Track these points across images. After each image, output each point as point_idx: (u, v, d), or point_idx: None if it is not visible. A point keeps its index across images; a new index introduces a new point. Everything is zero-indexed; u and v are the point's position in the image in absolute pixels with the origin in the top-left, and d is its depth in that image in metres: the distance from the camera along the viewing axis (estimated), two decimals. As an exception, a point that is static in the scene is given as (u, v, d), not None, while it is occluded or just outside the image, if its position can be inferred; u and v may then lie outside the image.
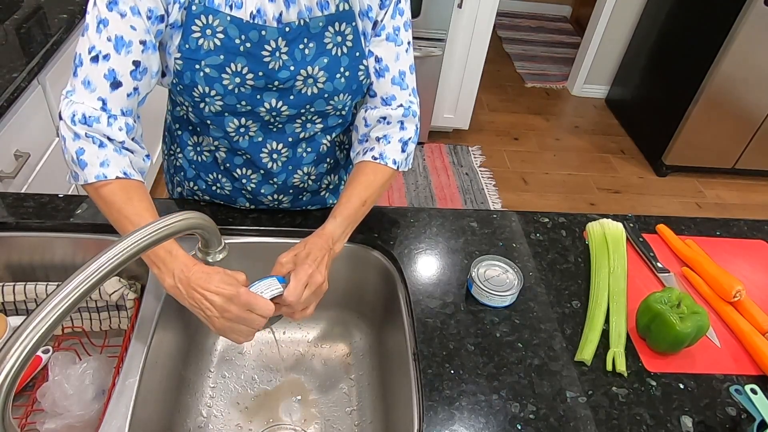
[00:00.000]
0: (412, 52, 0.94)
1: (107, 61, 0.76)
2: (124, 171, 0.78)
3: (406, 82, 0.94)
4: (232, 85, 0.81)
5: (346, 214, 0.88)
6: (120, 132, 0.78)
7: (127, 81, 0.77)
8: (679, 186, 3.08)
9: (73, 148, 0.77)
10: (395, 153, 0.94)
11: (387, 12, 0.87)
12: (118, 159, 0.78)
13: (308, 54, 0.83)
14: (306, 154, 0.97)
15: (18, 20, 1.55)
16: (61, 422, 0.83)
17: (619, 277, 0.96)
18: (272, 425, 0.95)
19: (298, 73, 0.84)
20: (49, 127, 1.51)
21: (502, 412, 0.77)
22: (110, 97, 0.77)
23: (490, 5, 2.67)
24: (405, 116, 0.94)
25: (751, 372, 0.87)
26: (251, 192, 1.00)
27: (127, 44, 0.75)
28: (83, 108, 0.76)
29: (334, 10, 0.83)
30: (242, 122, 0.88)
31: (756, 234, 1.14)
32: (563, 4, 4.81)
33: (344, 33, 0.85)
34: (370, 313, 1.09)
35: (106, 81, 0.76)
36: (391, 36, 0.89)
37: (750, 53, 2.65)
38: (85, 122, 0.76)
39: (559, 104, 3.68)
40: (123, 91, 0.78)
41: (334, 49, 0.85)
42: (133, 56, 0.76)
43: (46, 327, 0.46)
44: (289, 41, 0.81)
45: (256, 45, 0.80)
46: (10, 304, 0.93)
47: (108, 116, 0.77)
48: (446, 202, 2.74)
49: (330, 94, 0.87)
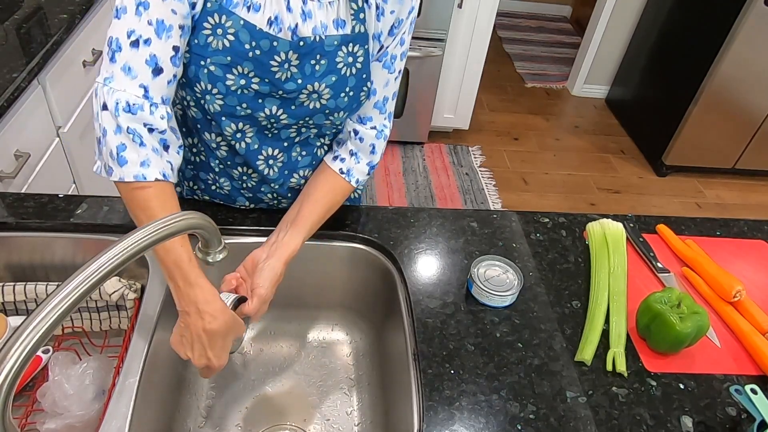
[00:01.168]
0: (399, 81, 0.95)
1: (148, 45, 0.72)
2: (163, 172, 0.77)
3: (386, 107, 0.95)
4: (236, 86, 0.81)
5: (308, 229, 0.91)
6: (162, 120, 0.76)
7: (167, 67, 0.75)
8: (679, 186, 3.08)
9: (114, 143, 0.74)
10: (360, 174, 0.97)
11: (394, 40, 0.88)
12: (157, 160, 0.76)
13: (318, 70, 0.83)
14: (301, 158, 0.97)
15: (18, 20, 1.55)
16: (61, 422, 0.83)
17: (619, 277, 0.96)
18: (272, 425, 0.95)
19: (305, 87, 0.83)
20: (49, 127, 1.51)
21: (502, 412, 0.77)
22: (152, 84, 0.74)
23: (490, 5, 2.67)
24: (377, 138, 0.96)
25: (751, 372, 0.87)
26: (251, 190, 1.00)
27: (167, 29, 0.73)
28: (126, 96, 0.73)
29: (349, 30, 0.82)
30: (239, 126, 0.87)
31: (756, 234, 1.14)
32: (563, 4, 4.81)
33: (356, 54, 0.84)
34: (370, 313, 1.09)
35: (147, 67, 0.73)
36: (387, 63, 0.90)
37: (750, 53, 2.65)
38: (129, 111, 0.73)
39: (559, 104, 3.68)
40: (164, 78, 0.75)
41: (344, 69, 0.84)
42: (173, 41, 0.74)
43: (46, 327, 0.46)
44: (302, 55, 0.81)
45: (266, 54, 0.79)
46: (10, 304, 0.93)
47: (150, 104, 0.74)
48: (446, 202, 2.74)
49: (331, 111, 0.88)
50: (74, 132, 1.62)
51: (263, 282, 0.85)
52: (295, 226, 0.90)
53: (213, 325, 0.75)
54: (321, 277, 1.06)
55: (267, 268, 0.86)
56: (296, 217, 0.91)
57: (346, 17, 0.82)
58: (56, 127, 1.54)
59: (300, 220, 0.91)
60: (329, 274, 1.06)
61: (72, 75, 1.60)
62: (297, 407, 0.98)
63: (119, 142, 0.74)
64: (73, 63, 1.60)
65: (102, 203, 1.01)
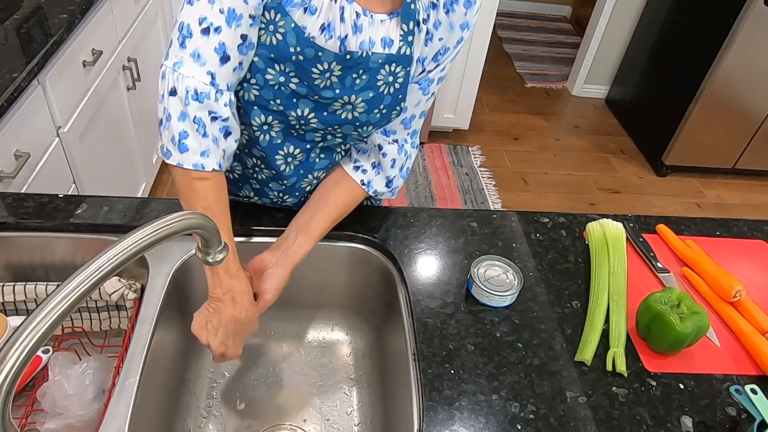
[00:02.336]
0: (431, 102, 0.95)
1: (218, 33, 0.74)
2: (220, 163, 0.79)
3: (412, 124, 0.96)
4: (275, 81, 0.81)
5: (318, 237, 0.92)
6: (225, 108, 0.77)
7: (234, 55, 0.76)
8: (679, 186, 3.08)
9: (178, 129, 0.76)
10: (380, 185, 0.97)
11: (437, 66, 0.88)
12: (215, 150, 0.79)
13: (358, 84, 0.83)
14: (319, 160, 0.97)
15: (18, 20, 1.55)
16: (61, 422, 0.83)
17: (619, 277, 0.96)
18: (272, 425, 0.95)
19: (341, 97, 0.83)
20: (49, 127, 1.51)
21: (502, 412, 0.77)
22: (219, 71, 0.75)
23: (490, 5, 2.66)
24: (398, 153, 0.96)
25: (751, 372, 0.87)
26: (259, 182, 1.00)
27: (238, 17, 0.73)
28: (195, 83, 0.75)
29: (395, 51, 0.82)
30: (268, 120, 0.87)
31: (756, 234, 1.14)
32: (563, 4, 4.81)
33: (397, 74, 0.84)
34: (370, 313, 1.09)
35: (216, 54, 0.74)
36: (425, 86, 0.90)
37: (750, 53, 2.65)
38: (197, 98, 0.75)
39: (559, 104, 3.68)
40: (230, 66, 0.76)
41: (383, 87, 0.84)
42: (242, 30, 0.75)
43: (46, 327, 0.46)
44: (345, 68, 0.81)
45: (309, 61, 0.79)
46: (10, 304, 0.93)
47: (216, 91, 0.76)
48: (446, 202, 2.74)
49: (361, 124, 0.88)
50: (74, 132, 1.62)
51: (270, 288, 0.85)
52: (306, 234, 0.90)
53: (243, 314, 0.81)
54: (321, 277, 1.06)
55: (275, 275, 0.86)
56: (308, 225, 0.91)
57: (395, 37, 0.82)
58: (56, 127, 1.54)
59: (312, 228, 0.91)
60: (329, 274, 1.06)
61: (72, 75, 1.60)
62: (297, 407, 0.98)
63: (182, 129, 0.76)
64: (73, 63, 1.60)
65: (102, 203, 1.01)
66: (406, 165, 0.99)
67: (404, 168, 0.99)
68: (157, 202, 1.03)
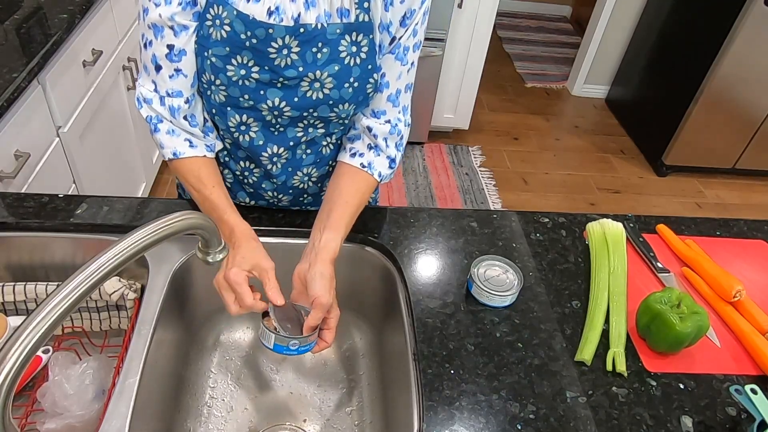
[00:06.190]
0: (414, 72, 0.94)
1: (151, 46, 0.82)
2: (174, 152, 0.88)
3: (400, 99, 0.94)
4: (237, 76, 0.82)
5: (344, 228, 0.88)
6: (166, 112, 0.86)
7: (165, 64, 0.83)
8: (679, 186, 3.08)
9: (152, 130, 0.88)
10: (382, 167, 0.95)
11: (406, 31, 0.87)
12: (170, 141, 0.88)
13: (320, 58, 0.83)
14: (305, 156, 0.97)
15: (18, 20, 1.55)
16: (61, 422, 0.83)
17: (619, 277, 0.96)
18: (272, 425, 0.95)
19: (306, 75, 0.83)
20: (49, 127, 1.51)
21: (502, 412, 0.77)
22: (157, 79, 0.84)
23: (490, 5, 2.67)
24: (390, 133, 0.95)
25: (751, 372, 0.87)
26: (252, 185, 1.00)
27: (160, 29, 0.80)
28: (144, 90, 0.86)
29: (353, 19, 0.82)
30: (243, 119, 0.88)
31: (756, 234, 1.14)
32: (563, 4, 4.81)
33: (360, 44, 0.84)
34: (370, 313, 1.09)
35: (152, 65, 0.83)
36: (400, 54, 0.89)
37: (750, 53, 2.65)
38: (147, 102, 0.86)
39: (559, 104, 3.68)
40: (164, 74, 0.83)
41: (348, 58, 0.84)
42: (167, 41, 0.81)
43: (46, 327, 0.46)
44: (302, 42, 0.81)
45: (262, 42, 0.79)
46: (10, 304, 0.93)
47: (159, 97, 0.85)
48: (446, 202, 2.75)
49: (335, 102, 0.87)
50: (74, 132, 1.62)
51: (318, 290, 0.81)
52: (330, 228, 0.87)
53: None
54: (321, 277, 1.06)
55: (317, 276, 0.82)
56: (329, 219, 0.88)
57: (350, 6, 0.82)
58: (56, 127, 1.54)
59: (333, 220, 0.88)
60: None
61: (72, 75, 1.60)
62: (297, 407, 0.98)
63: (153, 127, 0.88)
64: (73, 63, 1.60)
65: (102, 203, 1.01)
66: (403, 142, 0.98)
67: (399, 145, 0.97)
68: (157, 202, 1.03)
